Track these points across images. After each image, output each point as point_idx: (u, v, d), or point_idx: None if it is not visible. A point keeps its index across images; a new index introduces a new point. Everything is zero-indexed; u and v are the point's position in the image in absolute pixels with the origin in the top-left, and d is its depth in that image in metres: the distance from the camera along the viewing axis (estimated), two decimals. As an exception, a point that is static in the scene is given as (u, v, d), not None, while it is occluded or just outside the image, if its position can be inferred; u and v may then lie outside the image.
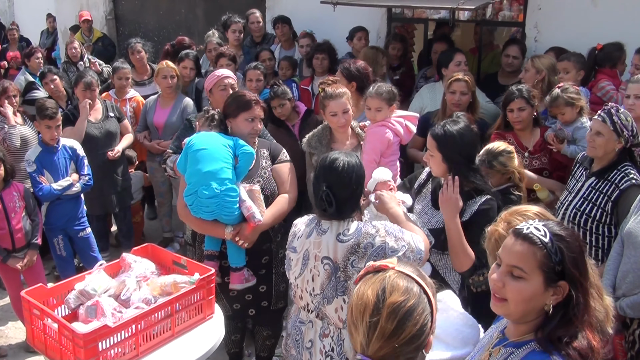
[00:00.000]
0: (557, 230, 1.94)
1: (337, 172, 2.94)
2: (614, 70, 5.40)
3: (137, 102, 6.73)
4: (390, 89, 4.39)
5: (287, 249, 3.16)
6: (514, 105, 4.63)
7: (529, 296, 1.92)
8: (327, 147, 4.50)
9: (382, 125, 4.32)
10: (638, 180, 3.79)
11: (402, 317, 1.80)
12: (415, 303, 1.83)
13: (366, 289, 1.88)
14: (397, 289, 1.85)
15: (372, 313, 1.81)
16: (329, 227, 2.94)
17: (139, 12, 10.86)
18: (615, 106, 3.90)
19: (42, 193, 5.09)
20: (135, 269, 3.60)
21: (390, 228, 2.94)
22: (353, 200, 2.98)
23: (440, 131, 3.43)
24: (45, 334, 3.19)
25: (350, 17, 7.18)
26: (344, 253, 2.86)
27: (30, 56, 8.22)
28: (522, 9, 6.77)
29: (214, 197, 3.77)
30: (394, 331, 1.79)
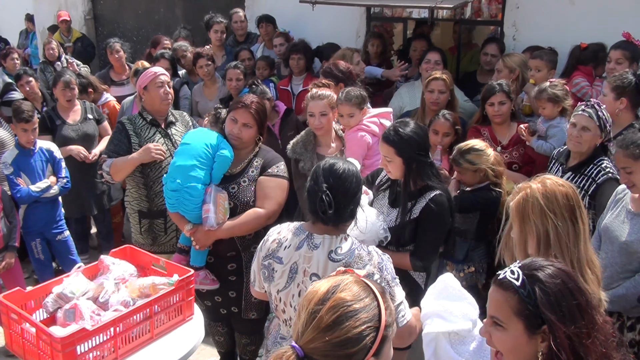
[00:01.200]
0: (535, 270, 1.84)
1: (337, 174, 2.78)
2: (589, 68, 5.45)
3: (110, 108, 6.64)
4: (359, 93, 4.38)
5: (267, 257, 2.87)
6: (494, 99, 4.68)
7: (512, 346, 1.84)
8: (312, 152, 4.50)
9: (358, 129, 4.33)
10: (614, 173, 3.83)
11: (342, 314, 1.73)
12: (361, 309, 1.75)
13: (322, 282, 1.84)
14: (349, 289, 1.79)
15: (317, 302, 1.76)
16: (322, 242, 2.74)
17: (117, 12, 10.78)
18: (596, 102, 3.96)
19: (20, 195, 5.04)
20: (113, 271, 3.57)
21: (386, 267, 2.74)
22: (352, 208, 2.80)
23: (396, 137, 3.46)
24: (23, 338, 3.16)
25: (329, 16, 7.19)
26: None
27: (7, 57, 8.13)
28: (500, 7, 6.81)
29: (176, 191, 3.88)
30: (330, 326, 1.71)
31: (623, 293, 3.46)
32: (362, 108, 4.35)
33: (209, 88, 6.64)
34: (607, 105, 4.30)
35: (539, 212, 2.56)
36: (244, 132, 3.96)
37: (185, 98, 6.65)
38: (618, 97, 4.32)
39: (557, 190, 2.58)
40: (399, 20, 8.01)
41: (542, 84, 4.73)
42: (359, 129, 4.32)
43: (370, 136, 4.33)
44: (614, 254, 3.55)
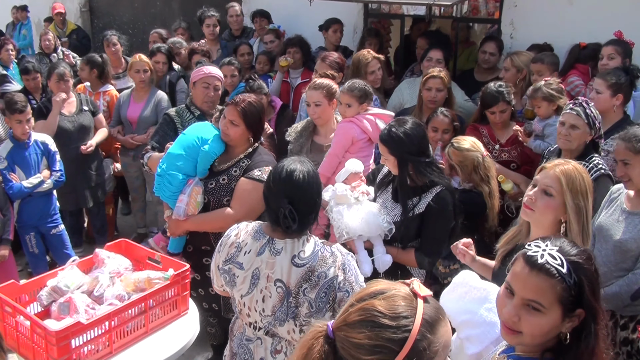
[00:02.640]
0: (574, 256, 1.83)
1: (298, 184, 2.67)
2: (587, 67, 5.46)
3: (110, 96, 6.65)
4: (364, 87, 4.36)
5: (227, 262, 2.78)
6: (497, 109, 4.69)
7: (547, 330, 1.83)
8: (306, 139, 4.58)
9: (350, 121, 4.32)
10: (606, 170, 3.87)
11: (366, 321, 1.60)
12: (388, 327, 1.58)
13: (380, 283, 1.69)
14: (392, 302, 1.62)
15: (359, 298, 1.65)
16: (283, 247, 2.66)
17: (113, 4, 10.74)
18: (585, 99, 3.99)
19: (12, 191, 5.00)
20: (108, 265, 3.57)
21: (349, 266, 2.67)
22: (315, 213, 2.75)
23: (386, 136, 3.52)
24: (17, 331, 3.15)
25: (326, 12, 7.18)
26: (298, 279, 2.61)
27: (1, 48, 8.08)
28: (498, 6, 6.81)
29: (160, 176, 3.99)
30: (352, 324, 1.60)
31: (616, 291, 3.48)
32: (362, 102, 4.33)
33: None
34: (604, 103, 4.35)
35: (586, 193, 2.71)
36: (230, 129, 3.93)
37: (182, 92, 6.65)
38: (614, 94, 4.37)
39: (585, 172, 2.77)
40: (396, 17, 8.00)
41: (537, 83, 4.74)
42: (352, 121, 4.32)
43: (359, 131, 4.30)
44: (608, 252, 3.56)
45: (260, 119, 4.03)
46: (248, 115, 3.91)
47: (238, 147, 4.02)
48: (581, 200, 2.69)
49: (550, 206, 2.71)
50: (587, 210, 2.72)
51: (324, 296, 2.58)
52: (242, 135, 3.97)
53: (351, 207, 3.60)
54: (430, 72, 5.04)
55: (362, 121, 4.31)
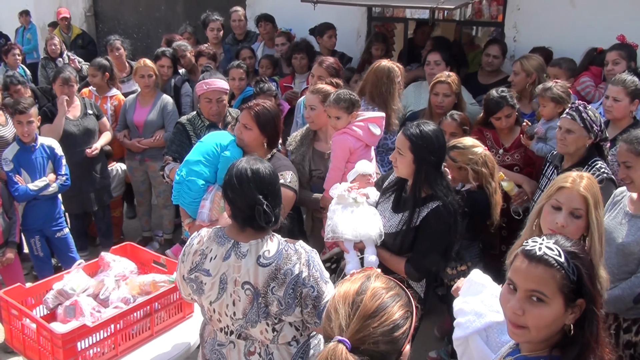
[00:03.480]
0: (569, 247, 1.89)
1: (266, 180, 2.70)
2: (600, 69, 5.46)
3: (118, 101, 6.68)
4: (349, 97, 4.26)
5: (193, 271, 2.73)
6: (502, 114, 4.68)
7: (551, 320, 1.87)
8: (307, 147, 4.53)
9: (343, 133, 4.27)
10: (609, 174, 3.87)
11: (384, 301, 1.82)
12: (397, 295, 1.87)
13: (351, 280, 1.91)
14: (380, 280, 1.90)
15: (355, 294, 1.83)
16: (249, 250, 2.65)
17: (118, 8, 10.79)
18: (582, 103, 3.99)
19: (17, 193, 5.02)
20: (114, 268, 3.59)
21: (314, 262, 2.69)
22: (279, 208, 2.76)
23: (415, 131, 3.37)
24: (23, 334, 3.18)
25: (330, 15, 7.19)
26: (265, 279, 2.60)
27: (8, 52, 8.13)
28: (501, 9, 6.83)
29: (178, 183, 3.97)
30: (375, 312, 1.78)
31: (619, 294, 3.47)
32: (351, 112, 4.26)
33: (210, 86, 6.65)
34: (624, 110, 4.38)
35: (600, 202, 2.80)
36: (244, 133, 3.95)
37: (187, 95, 6.67)
38: (632, 100, 4.38)
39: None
40: (399, 20, 8.02)
41: (547, 83, 4.74)
42: (344, 132, 4.28)
43: (354, 140, 4.25)
44: (611, 255, 3.56)
45: (275, 124, 4.01)
46: (261, 118, 3.91)
47: (259, 153, 3.95)
48: (599, 211, 2.77)
49: (580, 228, 2.78)
50: (602, 217, 2.80)
51: (292, 292, 2.60)
52: (256, 139, 3.95)
53: (346, 207, 3.59)
54: (438, 77, 5.03)
55: (354, 130, 4.27)
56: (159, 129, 6.33)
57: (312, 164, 4.47)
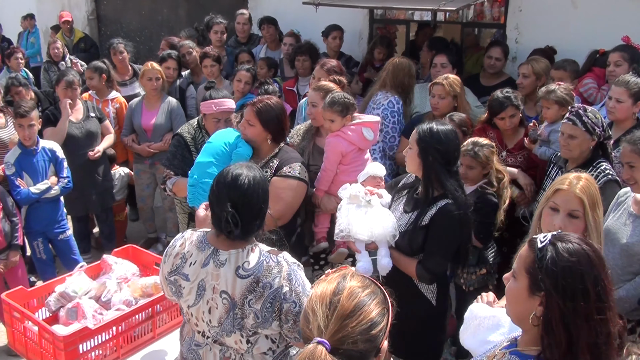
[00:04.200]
0: (561, 241, 1.89)
1: (242, 190, 2.58)
2: (603, 71, 5.45)
3: (119, 103, 6.69)
4: (344, 101, 4.26)
5: (172, 273, 2.69)
6: (505, 114, 4.67)
7: (513, 297, 1.96)
8: (308, 141, 4.59)
9: (337, 135, 4.28)
10: (613, 175, 3.85)
11: (361, 300, 1.84)
12: (373, 292, 1.89)
13: (326, 280, 1.93)
14: (355, 279, 1.92)
15: (332, 294, 1.85)
16: (227, 259, 2.57)
17: (121, 12, 10.81)
18: (581, 106, 3.97)
19: (19, 197, 5.03)
20: (116, 271, 3.59)
21: (296, 276, 2.58)
22: (260, 220, 2.65)
23: (426, 126, 3.39)
24: (25, 336, 3.18)
25: (332, 18, 7.19)
26: (242, 290, 2.53)
27: (11, 56, 8.15)
28: (503, 10, 6.82)
29: (193, 186, 4.01)
30: (353, 311, 1.80)
31: (623, 295, 3.46)
32: (345, 115, 4.27)
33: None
34: (626, 111, 4.35)
35: (599, 200, 2.80)
36: (247, 129, 4.01)
37: (192, 98, 6.69)
38: (635, 101, 4.35)
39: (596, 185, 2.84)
40: (401, 22, 8.01)
41: (551, 85, 4.73)
42: (337, 135, 4.29)
43: (347, 144, 4.26)
44: (615, 256, 3.55)
45: (279, 119, 4.04)
46: (263, 114, 3.95)
47: (263, 150, 4.05)
48: (598, 214, 2.77)
49: (579, 228, 2.76)
50: (601, 218, 2.79)
51: (270, 307, 2.51)
52: (260, 135, 4.00)
53: (360, 207, 3.59)
54: (436, 79, 5.05)
55: (348, 133, 4.27)
56: (168, 131, 6.32)
57: (312, 158, 4.50)
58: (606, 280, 1.88)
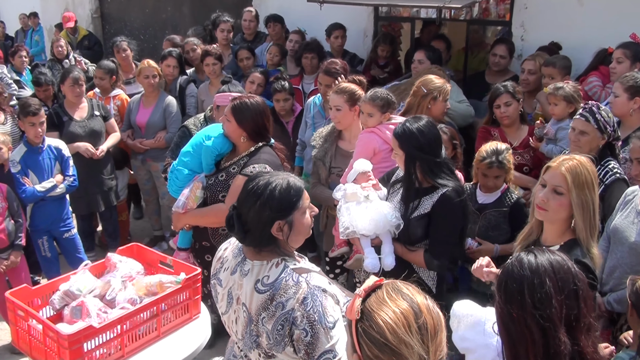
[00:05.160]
0: (527, 253, 2.02)
1: (246, 190, 2.48)
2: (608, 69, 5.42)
3: (121, 100, 6.68)
4: (386, 97, 4.24)
5: (213, 277, 2.67)
6: (500, 101, 4.70)
7: None
8: (330, 144, 4.57)
9: (371, 132, 4.24)
10: (622, 174, 3.83)
11: (434, 307, 1.77)
12: (428, 296, 1.81)
13: (392, 307, 1.73)
14: (411, 291, 1.79)
15: (415, 316, 1.71)
16: (250, 270, 2.46)
17: (124, 10, 10.81)
18: (595, 104, 3.95)
19: (25, 195, 5.03)
20: (120, 269, 3.57)
21: (315, 301, 2.31)
22: (266, 230, 2.42)
23: (399, 129, 3.51)
24: (30, 335, 3.16)
25: (337, 16, 7.18)
26: (258, 306, 2.39)
27: (15, 54, 8.15)
28: (508, 8, 6.79)
29: (170, 172, 4.22)
30: (439, 322, 1.74)
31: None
32: (385, 112, 4.22)
33: (215, 87, 6.60)
34: (621, 106, 4.29)
35: (592, 184, 2.80)
36: (225, 125, 4.04)
37: (192, 96, 6.67)
38: (632, 97, 4.29)
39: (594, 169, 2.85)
40: (406, 20, 7.99)
41: (559, 82, 4.70)
42: (372, 131, 4.25)
43: (381, 141, 4.22)
44: (624, 254, 3.54)
45: (253, 119, 3.98)
46: (237, 111, 3.95)
47: (240, 147, 4.05)
48: (587, 194, 2.77)
49: (563, 204, 2.80)
50: (594, 202, 2.79)
51: (281, 329, 2.32)
52: (234, 132, 3.99)
53: (360, 204, 3.61)
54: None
55: (384, 131, 4.21)
56: (161, 129, 6.36)
57: (334, 161, 4.48)
58: (556, 295, 1.91)
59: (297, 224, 2.46)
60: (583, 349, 1.88)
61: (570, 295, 1.91)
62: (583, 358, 1.87)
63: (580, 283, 1.94)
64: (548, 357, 1.86)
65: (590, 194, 2.78)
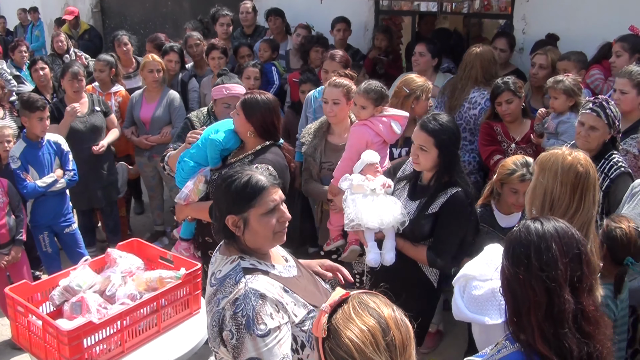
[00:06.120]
0: (534, 221, 2.10)
1: (217, 184, 2.55)
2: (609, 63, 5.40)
3: (122, 97, 6.66)
4: (380, 89, 4.20)
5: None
6: (501, 99, 4.67)
7: None
8: (320, 139, 4.53)
9: (364, 124, 4.21)
10: (626, 168, 3.82)
11: (402, 317, 1.74)
12: (396, 306, 1.77)
13: (359, 324, 1.68)
14: (378, 304, 1.74)
15: (383, 332, 1.67)
16: (213, 262, 2.52)
17: (124, 4, 10.79)
18: (605, 98, 3.91)
19: (26, 191, 5.03)
20: (120, 265, 3.57)
21: (247, 305, 2.23)
22: (220, 219, 2.45)
23: (435, 125, 3.42)
24: (29, 331, 3.16)
25: (337, 9, 7.16)
26: (207, 298, 2.46)
27: (15, 49, 8.13)
28: (510, 1, 6.76)
29: (178, 163, 4.16)
30: (408, 336, 1.71)
31: (638, 286, 3.42)
32: (378, 104, 4.18)
33: (218, 81, 6.61)
34: (631, 103, 4.28)
35: (553, 173, 2.83)
36: (235, 119, 3.98)
37: (194, 91, 6.65)
38: None
39: (575, 165, 2.82)
40: (407, 13, 7.96)
41: (559, 75, 4.68)
42: (365, 124, 4.23)
43: (373, 134, 4.18)
44: (632, 247, 3.54)
45: (262, 114, 3.91)
46: (247, 106, 3.90)
47: (250, 143, 4.00)
48: (547, 177, 2.85)
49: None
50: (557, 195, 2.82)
51: (214, 326, 2.30)
52: (243, 126, 3.93)
53: (366, 197, 3.60)
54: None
55: (377, 124, 4.18)
56: (166, 125, 6.33)
57: (324, 156, 4.46)
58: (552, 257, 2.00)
59: (253, 224, 2.41)
60: (585, 307, 1.98)
61: (574, 258, 2.01)
62: (585, 315, 1.97)
63: (582, 247, 2.05)
64: (551, 317, 1.95)
65: (546, 177, 2.85)
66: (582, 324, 1.96)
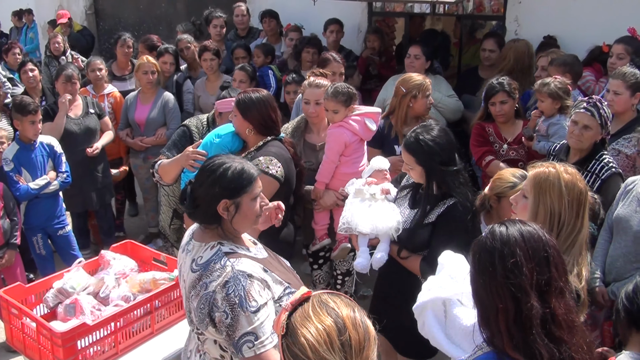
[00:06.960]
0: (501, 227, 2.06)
1: (202, 167, 2.62)
2: (599, 65, 5.43)
3: (114, 98, 6.66)
4: (347, 90, 4.24)
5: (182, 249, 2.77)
6: (495, 99, 4.68)
7: None
8: (299, 139, 4.52)
9: (340, 126, 4.25)
10: (617, 168, 3.84)
11: (362, 318, 1.74)
12: (352, 302, 1.80)
13: (315, 323, 1.71)
14: (338, 304, 1.76)
15: (338, 332, 1.68)
16: (191, 249, 2.60)
17: (119, 6, 10.78)
18: (598, 99, 3.93)
19: (19, 193, 5.02)
20: (114, 266, 3.58)
21: (237, 286, 2.37)
22: (210, 204, 2.52)
23: (414, 144, 3.35)
24: (23, 333, 3.17)
25: (331, 11, 7.17)
26: (189, 285, 2.51)
27: (8, 51, 8.11)
28: (502, 2, 6.79)
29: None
30: (366, 337, 1.71)
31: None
32: (348, 105, 4.23)
33: (212, 83, 6.61)
34: (624, 104, 4.31)
35: (558, 193, 2.65)
36: (233, 120, 4.03)
37: (189, 92, 6.65)
38: (633, 93, 4.31)
39: (576, 182, 2.67)
40: (400, 15, 7.98)
41: (547, 78, 4.71)
42: (342, 125, 4.26)
43: (350, 134, 4.23)
44: (628, 243, 3.57)
45: (258, 110, 3.94)
46: (241, 104, 3.93)
47: (251, 141, 4.02)
48: (551, 200, 2.66)
49: (525, 208, 2.75)
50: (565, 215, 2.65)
51: (203, 308, 2.40)
52: (241, 125, 3.96)
53: (364, 201, 3.59)
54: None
55: (352, 124, 4.24)
56: (161, 126, 6.34)
57: (304, 155, 4.46)
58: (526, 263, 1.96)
59: (245, 208, 2.56)
60: (554, 311, 1.94)
61: (541, 262, 1.97)
62: (554, 319, 1.94)
63: (551, 250, 2.01)
64: (520, 322, 1.92)
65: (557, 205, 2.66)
66: (551, 328, 1.92)
